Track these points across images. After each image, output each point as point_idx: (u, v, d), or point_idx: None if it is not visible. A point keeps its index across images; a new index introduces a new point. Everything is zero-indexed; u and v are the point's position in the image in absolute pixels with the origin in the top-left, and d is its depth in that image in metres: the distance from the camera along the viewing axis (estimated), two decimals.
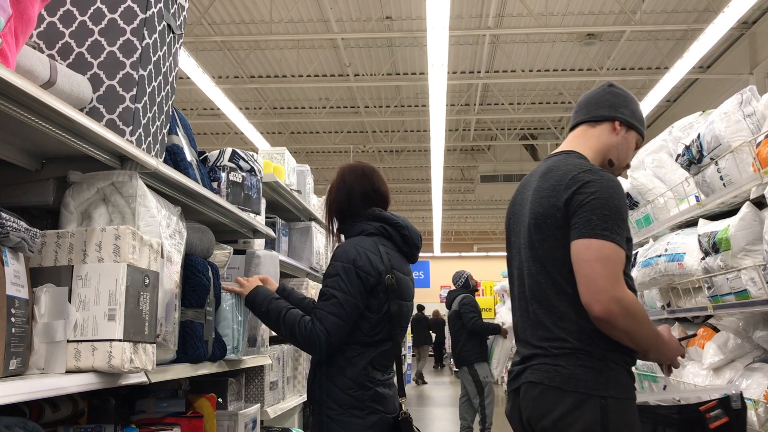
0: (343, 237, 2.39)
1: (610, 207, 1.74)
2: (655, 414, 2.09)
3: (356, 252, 2.19)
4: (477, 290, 7.38)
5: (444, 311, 17.94)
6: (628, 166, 2.08)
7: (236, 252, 2.74)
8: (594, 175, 1.81)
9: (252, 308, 2.27)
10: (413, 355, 15.97)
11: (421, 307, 17.59)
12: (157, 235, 1.70)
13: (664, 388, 3.32)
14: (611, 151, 1.99)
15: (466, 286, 7.06)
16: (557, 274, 1.80)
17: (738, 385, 2.56)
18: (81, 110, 1.60)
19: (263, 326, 2.74)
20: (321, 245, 4.15)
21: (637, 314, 1.71)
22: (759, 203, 2.80)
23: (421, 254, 2.52)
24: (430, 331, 17.06)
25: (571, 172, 1.83)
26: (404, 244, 2.36)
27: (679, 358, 1.91)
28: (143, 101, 1.72)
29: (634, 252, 4.17)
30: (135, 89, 1.69)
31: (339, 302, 2.14)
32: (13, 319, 1.26)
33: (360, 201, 2.34)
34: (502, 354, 7.54)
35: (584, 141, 2.00)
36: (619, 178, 4.43)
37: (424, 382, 15.11)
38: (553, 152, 2.03)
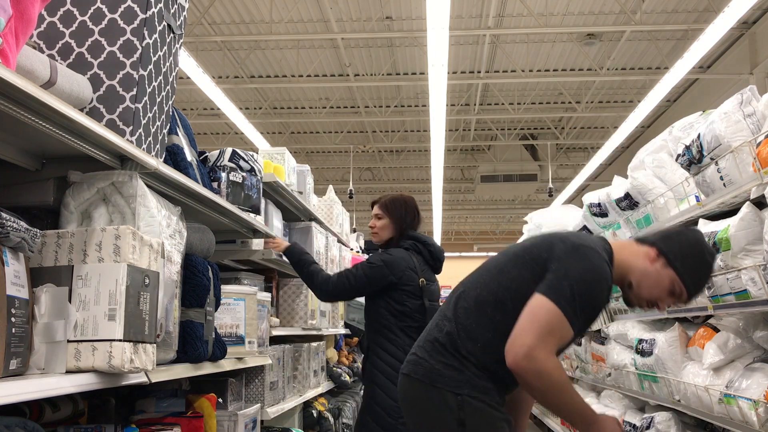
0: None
1: (586, 290, 1.74)
2: None
3: (392, 257, 2.97)
4: None
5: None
6: (655, 306, 1.91)
7: None
8: (590, 252, 1.79)
9: (289, 258, 3.08)
10: None
11: None
12: (157, 235, 1.70)
13: None
14: (635, 272, 1.88)
15: None
16: (502, 296, 1.84)
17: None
18: (81, 110, 1.60)
19: (266, 324, 2.76)
20: (321, 245, 4.15)
21: (552, 380, 1.69)
22: (759, 203, 2.80)
23: None
24: None
25: (578, 241, 1.84)
26: (430, 257, 3.08)
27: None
28: (143, 101, 1.72)
29: None
30: (135, 89, 1.69)
31: (356, 276, 2.94)
32: (13, 319, 1.26)
33: (413, 226, 3.13)
34: None
35: (620, 249, 1.92)
36: (619, 177, 4.47)
37: None
38: None
